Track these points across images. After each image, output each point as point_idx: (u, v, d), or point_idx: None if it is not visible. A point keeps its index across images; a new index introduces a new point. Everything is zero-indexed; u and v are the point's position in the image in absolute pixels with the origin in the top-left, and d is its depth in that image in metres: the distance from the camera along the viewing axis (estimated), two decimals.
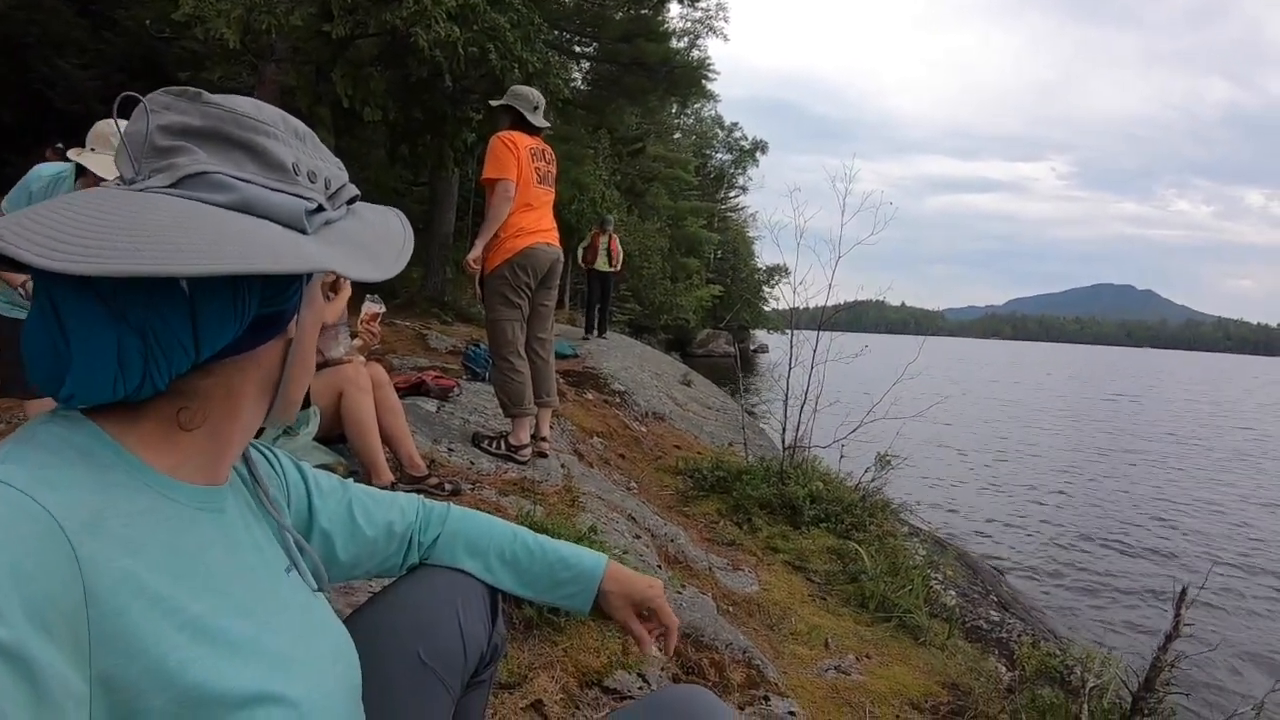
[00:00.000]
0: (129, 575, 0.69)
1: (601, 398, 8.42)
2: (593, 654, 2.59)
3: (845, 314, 7.29)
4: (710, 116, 58.04)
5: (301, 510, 1.15)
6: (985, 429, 20.59)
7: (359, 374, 3.58)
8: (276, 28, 9.51)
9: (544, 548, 1.34)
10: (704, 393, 12.39)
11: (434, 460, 4.32)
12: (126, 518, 0.72)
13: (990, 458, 16.01)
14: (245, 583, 0.85)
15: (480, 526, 1.34)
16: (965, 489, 12.78)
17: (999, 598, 5.76)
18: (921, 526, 7.04)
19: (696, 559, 4.22)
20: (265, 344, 0.83)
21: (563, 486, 4.50)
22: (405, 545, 1.28)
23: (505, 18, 10.02)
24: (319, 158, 0.85)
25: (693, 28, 25.47)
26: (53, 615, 0.62)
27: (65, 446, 0.73)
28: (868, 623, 4.06)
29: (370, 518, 1.23)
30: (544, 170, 4.76)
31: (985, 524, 10.55)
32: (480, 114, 11.24)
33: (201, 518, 0.82)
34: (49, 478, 0.68)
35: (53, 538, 0.64)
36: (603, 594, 1.33)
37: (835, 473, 6.39)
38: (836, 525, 5.30)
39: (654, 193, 38.12)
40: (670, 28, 19.51)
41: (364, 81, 10.19)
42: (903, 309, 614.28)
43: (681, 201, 43.14)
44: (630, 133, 32.93)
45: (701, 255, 44.35)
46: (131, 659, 0.67)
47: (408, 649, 1.15)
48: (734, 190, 61.44)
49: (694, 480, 6.03)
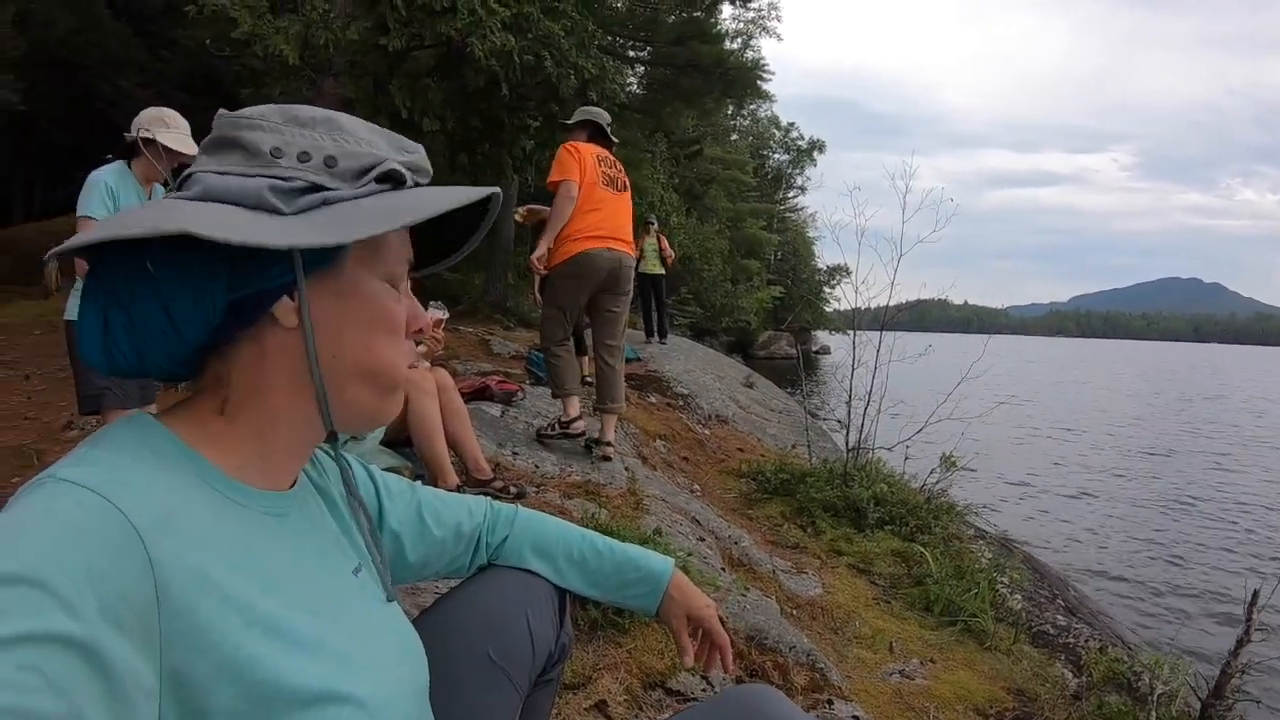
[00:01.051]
0: (199, 573, 0.72)
1: (664, 401, 8.43)
2: (656, 655, 2.61)
3: (907, 313, 7.22)
4: (767, 117, 57.77)
5: (372, 511, 1.17)
6: (1052, 429, 20.12)
7: (424, 379, 3.64)
8: (334, 43, 9.72)
9: (612, 549, 1.36)
10: (766, 395, 12.33)
11: (499, 464, 4.37)
12: (196, 518, 0.75)
13: (1057, 459, 15.68)
14: (312, 583, 0.87)
15: (549, 528, 1.36)
16: (1032, 490, 12.55)
17: (1066, 602, 5.65)
18: (987, 529, 6.94)
19: (760, 562, 4.22)
20: (251, 329, 0.82)
21: (627, 489, 4.52)
22: (473, 546, 1.30)
23: (559, 25, 10.09)
24: (330, 137, 0.84)
25: (745, 28, 25.45)
26: (125, 612, 0.64)
27: (137, 448, 0.76)
28: (932, 627, 4.01)
29: (439, 519, 1.25)
30: (611, 175, 4.86)
31: (1053, 526, 10.36)
32: (538, 121, 11.31)
33: (267, 522, 0.85)
34: (122, 479, 0.71)
35: (126, 537, 0.67)
36: (666, 600, 1.35)
37: (900, 474, 6.31)
38: (901, 528, 5.24)
39: (712, 195, 38.05)
40: (723, 29, 19.49)
41: (421, 92, 10.32)
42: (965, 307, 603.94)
43: (740, 203, 43.01)
44: (687, 135, 32.89)
45: (761, 257, 44.15)
46: (201, 654, 0.70)
47: (477, 648, 1.17)
48: (792, 190, 61.05)
49: (757, 483, 6.01)
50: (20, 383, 7.51)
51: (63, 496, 0.67)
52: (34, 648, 0.57)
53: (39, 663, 0.56)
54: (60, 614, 0.59)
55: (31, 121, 19.41)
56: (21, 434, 5.79)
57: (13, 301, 13.50)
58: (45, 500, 0.67)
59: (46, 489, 0.68)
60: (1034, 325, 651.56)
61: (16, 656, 0.56)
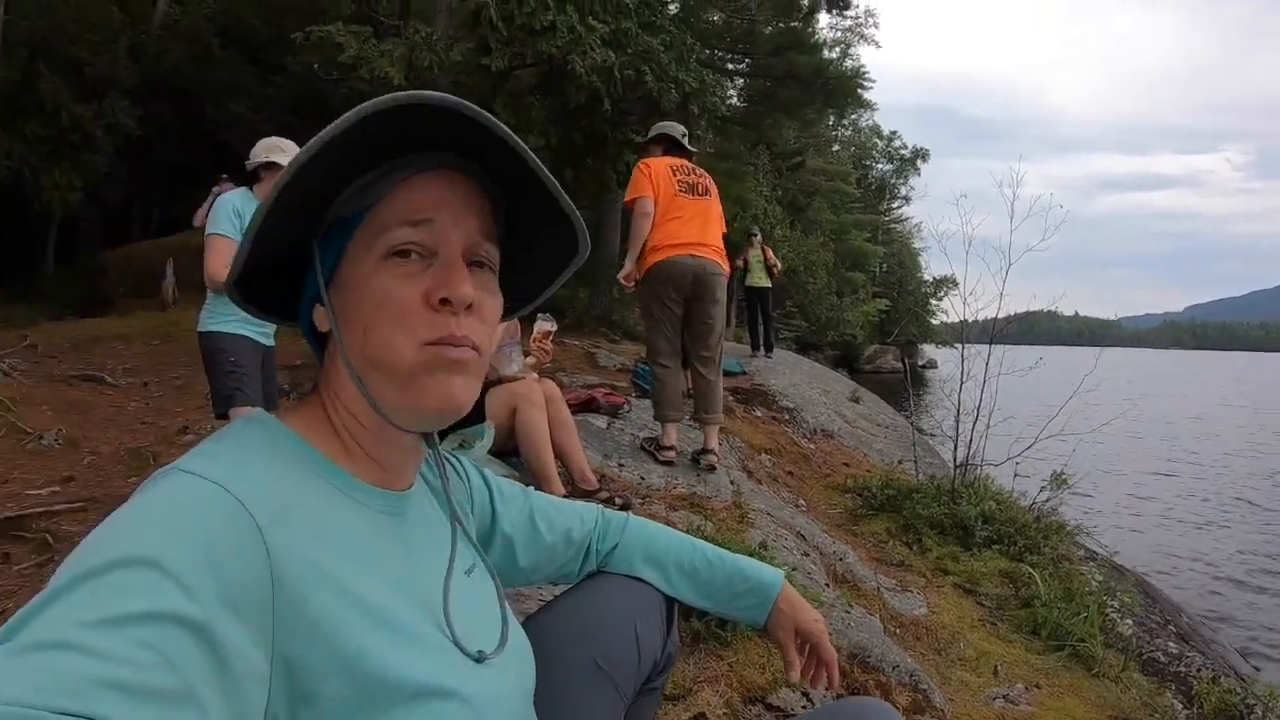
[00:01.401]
0: (314, 564, 0.74)
1: (770, 415, 8.43)
2: (758, 670, 2.60)
3: (1016, 325, 7.04)
4: (868, 126, 56.91)
5: (485, 514, 1.20)
6: (1170, 447, 19.28)
7: (532, 390, 3.75)
8: (438, 64, 9.99)
9: (723, 559, 1.35)
10: (872, 409, 12.19)
11: (604, 475, 4.44)
12: (312, 511, 0.79)
13: (1175, 478, 14.99)
14: (424, 581, 0.89)
15: (659, 536, 1.36)
16: (1146, 511, 12.05)
17: (1178, 629, 5.44)
18: (1098, 550, 6.73)
19: (864, 579, 4.21)
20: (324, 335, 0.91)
21: (732, 502, 4.54)
22: (583, 553, 1.31)
23: (658, 40, 10.18)
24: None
25: (843, 37, 25.28)
26: (242, 598, 0.66)
27: (258, 444, 0.81)
28: (1039, 651, 3.92)
29: (551, 524, 1.26)
30: (689, 181, 4.90)
31: (1166, 548, 9.93)
32: (641, 136, 11.44)
33: (383, 519, 0.88)
34: (242, 472, 0.74)
35: (244, 527, 0.70)
36: (775, 613, 1.33)
37: (1008, 492, 6.17)
38: (1009, 547, 5.13)
39: (816, 207, 37.72)
40: (820, 38, 19.41)
41: (525, 110, 10.54)
42: (1076, 319, 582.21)
43: (844, 215, 42.50)
44: (788, 147, 32.74)
45: (866, 269, 43.46)
46: (313, 643, 0.72)
47: (584, 653, 1.17)
48: (896, 201, 60.03)
49: (863, 499, 5.97)
50: (139, 389, 7.90)
51: (186, 487, 0.71)
52: (153, 626, 0.59)
53: (156, 640, 0.59)
54: (178, 595, 0.62)
55: (147, 145, 20.36)
56: (139, 437, 6.12)
57: (132, 313, 14.19)
58: (169, 490, 0.71)
59: (172, 480, 0.72)
60: (1147, 337, 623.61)
61: (135, 633, 0.58)
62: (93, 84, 17.19)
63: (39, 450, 5.82)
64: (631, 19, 10.17)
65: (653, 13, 11.08)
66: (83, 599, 0.59)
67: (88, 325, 12.43)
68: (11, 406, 6.43)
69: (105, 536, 0.66)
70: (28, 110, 16.32)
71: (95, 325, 12.33)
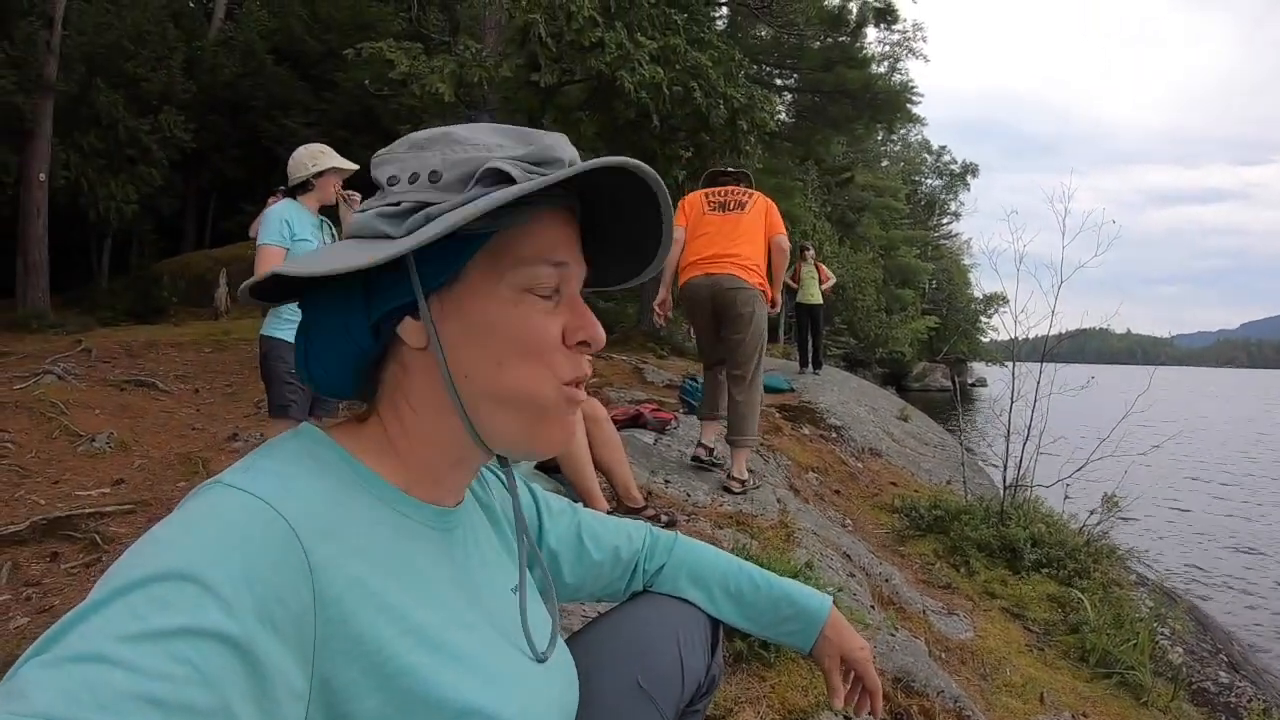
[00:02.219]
0: (357, 581, 0.73)
1: (818, 432, 8.39)
2: (800, 692, 2.58)
3: (1067, 344, 6.94)
4: (917, 141, 56.69)
5: (533, 530, 1.17)
6: (1225, 471, 18.71)
7: None
8: (488, 80, 10.10)
9: (770, 583, 1.33)
10: (921, 428, 12.08)
11: (650, 491, 4.44)
12: (357, 526, 0.77)
13: (1227, 502, 14.57)
14: (469, 599, 0.88)
15: (706, 558, 1.34)
16: (1200, 535, 11.70)
17: (1229, 658, 5.31)
18: (1150, 576, 6.60)
19: (911, 601, 4.17)
20: (393, 349, 0.85)
21: (778, 521, 4.52)
22: (630, 571, 1.29)
23: (706, 55, 10.20)
24: (443, 153, 0.83)
25: (892, 51, 25.21)
26: (282, 615, 0.65)
27: (304, 458, 0.79)
28: (1086, 678, 3.86)
29: (598, 541, 1.25)
30: (720, 200, 4.98)
31: (1219, 575, 9.64)
32: (689, 151, 11.44)
33: (430, 535, 0.86)
34: (286, 487, 0.73)
35: (287, 543, 0.69)
36: (821, 640, 1.32)
37: (1058, 514, 6.07)
38: (1059, 571, 5.05)
39: (865, 223, 37.57)
40: (869, 53, 19.32)
41: (574, 126, 10.59)
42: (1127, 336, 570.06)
43: (893, 231, 42.29)
44: (837, 162, 32.64)
45: (916, 286, 43.15)
46: (354, 661, 0.71)
47: (626, 673, 1.15)
48: (946, 217, 59.55)
49: (910, 519, 5.90)
50: (191, 396, 8.05)
51: (228, 501, 0.70)
52: (190, 641, 0.59)
53: (193, 656, 0.58)
54: (217, 611, 0.61)
55: (203, 158, 20.88)
56: (190, 443, 6.23)
57: (186, 322, 14.47)
58: (211, 504, 0.70)
59: (214, 493, 0.71)
60: (1202, 355, 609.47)
61: (173, 648, 0.58)
62: (148, 98, 17.68)
63: (91, 452, 5.95)
64: (680, 35, 10.20)
65: (701, 29, 11.12)
66: (121, 612, 0.59)
67: (141, 332, 12.68)
68: (65, 410, 6.58)
69: (146, 550, 0.66)
70: (85, 123, 16.79)
71: (148, 332, 12.58)
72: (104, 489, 5.11)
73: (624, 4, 9.77)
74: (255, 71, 20.69)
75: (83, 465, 5.71)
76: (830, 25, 17.16)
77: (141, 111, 17.39)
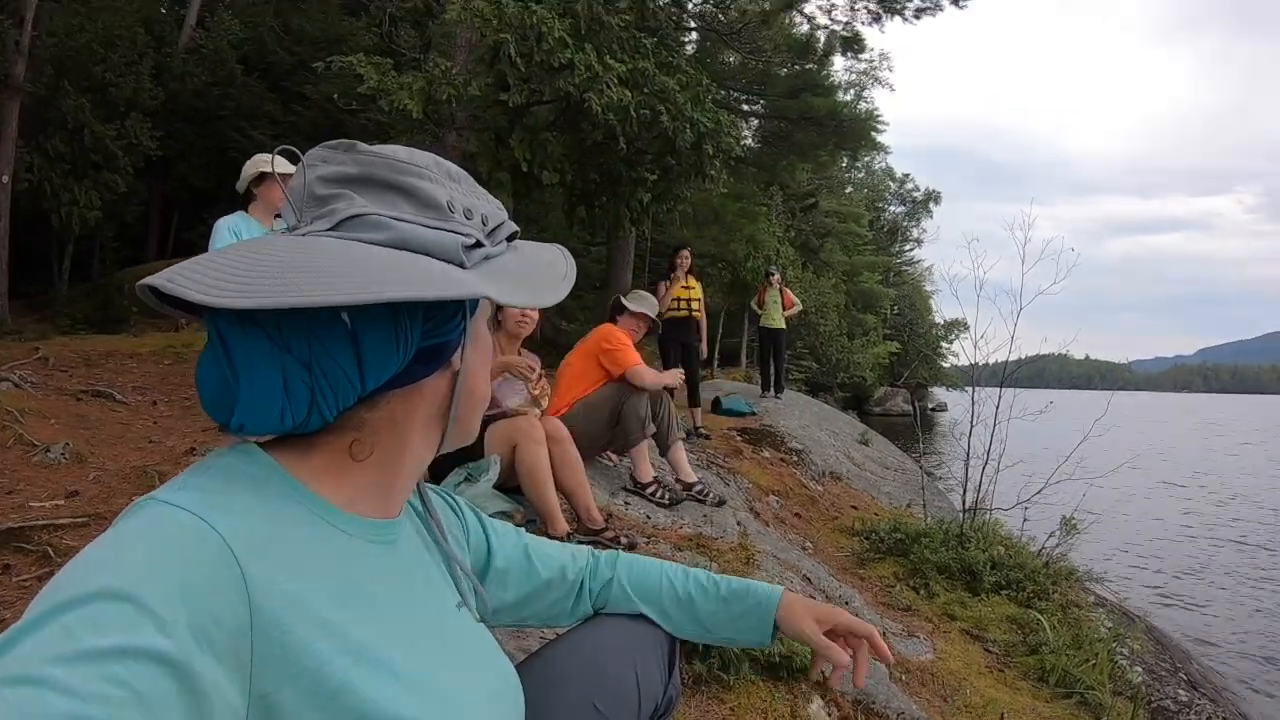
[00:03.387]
0: (294, 597, 0.72)
1: (779, 456, 8.40)
2: (759, 714, 2.57)
3: (1026, 369, 7.01)
4: (881, 169, 57.43)
5: (480, 550, 1.20)
6: (1180, 493, 19.00)
7: (532, 426, 3.70)
8: (456, 98, 10.08)
9: (717, 583, 1.33)
10: (882, 452, 12.15)
11: (611, 513, 4.43)
12: (295, 544, 0.76)
13: (1185, 524, 14.74)
14: (410, 615, 0.88)
15: (651, 570, 1.34)
16: (1156, 557, 11.82)
17: (1188, 676, 5.35)
18: (1108, 597, 6.66)
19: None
20: (430, 376, 0.87)
21: (738, 543, 4.53)
22: (575, 591, 1.30)
23: (674, 80, 10.24)
24: (475, 196, 0.90)
25: (858, 79, 25.46)
26: (216, 631, 0.65)
27: (239, 476, 0.78)
28: (1046, 699, 3.86)
29: (545, 560, 1.27)
30: None
31: (1177, 594, 9.78)
32: (654, 174, 11.45)
33: (372, 550, 0.85)
34: (220, 503, 0.72)
35: (222, 558, 0.68)
36: (782, 615, 1.29)
37: (1017, 536, 6.11)
38: (1018, 593, 5.07)
39: (828, 248, 37.82)
40: (835, 81, 19.53)
41: (541, 146, 10.56)
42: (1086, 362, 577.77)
43: (856, 256, 42.58)
44: (802, 188, 32.93)
45: (878, 311, 43.54)
46: (291, 678, 0.70)
47: (582, 695, 1.15)
48: (909, 243, 60.29)
49: (870, 542, 5.91)
50: (149, 408, 7.91)
51: (161, 517, 0.69)
52: (124, 662, 0.58)
53: (128, 677, 0.58)
54: (151, 630, 0.61)
55: (168, 166, 20.67)
56: (147, 455, 6.11)
57: (146, 333, 14.26)
58: (145, 521, 0.69)
59: (148, 511, 0.70)
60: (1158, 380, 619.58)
61: (108, 670, 0.57)
62: (116, 103, 17.46)
63: (46, 463, 5.83)
64: (649, 59, 10.25)
65: (670, 53, 11.18)
66: (54, 634, 0.59)
67: (100, 341, 12.45)
68: (20, 418, 6.45)
69: (79, 569, 0.65)
70: (51, 126, 16.56)
71: (107, 342, 12.34)
72: (58, 501, 4.98)
73: (595, 26, 9.81)
74: (225, 81, 20.54)
75: (38, 476, 5.60)
76: (798, 53, 17.31)
77: (109, 116, 17.16)
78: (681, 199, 11.87)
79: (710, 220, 21.53)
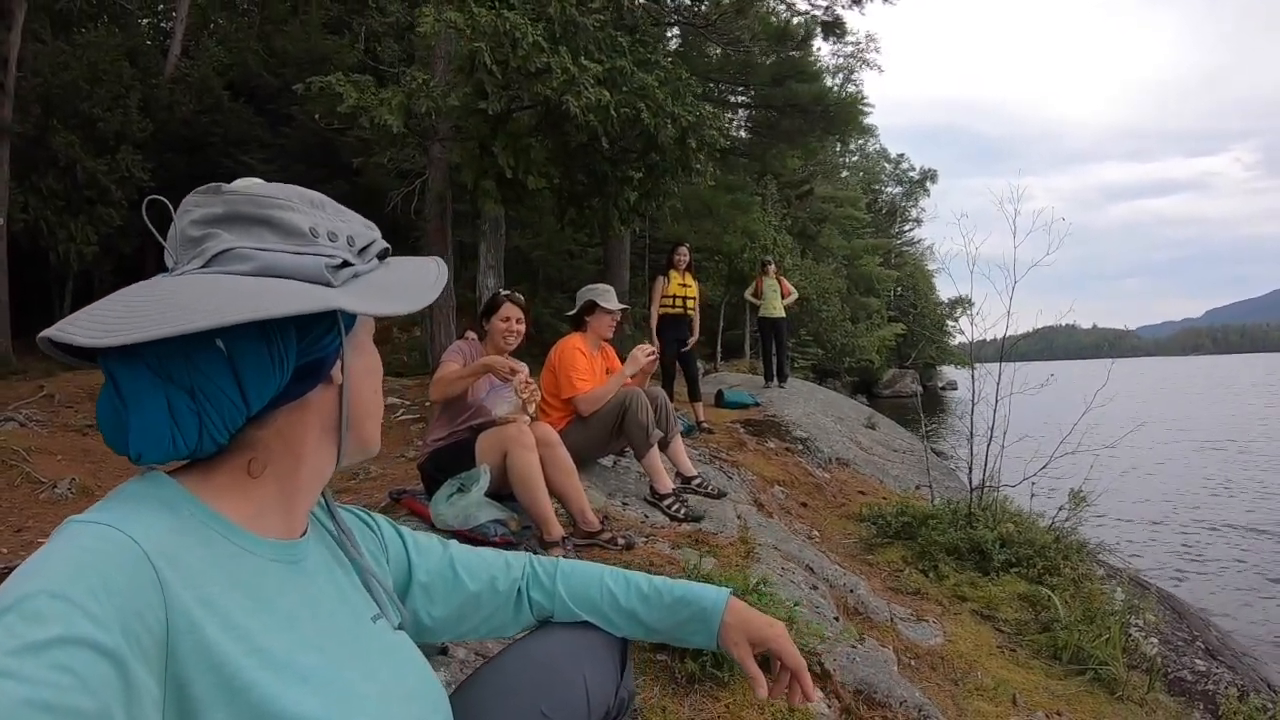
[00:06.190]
0: (205, 601, 0.78)
1: (783, 445, 8.33)
2: (756, 711, 2.52)
3: (1034, 342, 6.96)
4: (875, 150, 57.36)
5: (401, 566, 1.23)
6: (1191, 458, 18.67)
7: (521, 433, 3.67)
8: (435, 110, 10.08)
9: (659, 591, 1.34)
10: (889, 435, 12.08)
11: (608, 515, 4.39)
12: (204, 559, 0.81)
13: (1198, 489, 14.53)
14: (320, 625, 0.92)
15: (591, 580, 1.35)
16: (1170, 524, 11.64)
17: (1206, 644, 5.25)
18: (1120, 567, 6.55)
19: (877, 609, 4.10)
20: (312, 391, 0.91)
21: (738, 538, 4.48)
22: (513, 599, 1.31)
23: (652, 76, 10.20)
24: (340, 220, 0.95)
25: (845, 63, 25.46)
26: (139, 627, 0.71)
27: (148, 499, 0.83)
28: (1060, 676, 3.78)
29: (472, 573, 1.28)
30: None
31: (1192, 561, 9.59)
32: (640, 172, 11.40)
33: (277, 569, 0.90)
34: (134, 519, 0.78)
35: (139, 562, 0.74)
36: (722, 627, 1.31)
37: (1026, 513, 6.01)
38: (1028, 570, 4.97)
39: (826, 234, 37.72)
40: (820, 66, 19.52)
41: (525, 152, 10.52)
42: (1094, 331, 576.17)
43: (855, 240, 42.48)
44: (796, 176, 32.88)
45: (880, 294, 43.45)
46: (202, 673, 0.75)
47: (531, 704, 1.18)
48: (908, 224, 60.18)
49: (877, 527, 5.84)
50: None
51: (84, 531, 0.75)
52: (66, 649, 0.64)
53: (72, 664, 0.64)
54: (86, 622, 0.66)
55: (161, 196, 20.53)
56: None
57: None
58: (69, 536, 0.75)
59: (71, 528, 0.76)
60: (1167, 345, 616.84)
61: (52, 658, 0.63)
62: (105, 138, 17.43)
63: (53, 499, 5.88)
64: (626, 57, 10.19)
65: (648, 50, 11.11)
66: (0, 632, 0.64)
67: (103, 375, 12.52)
68: (27, 456, 6.49)
69: (13, 581, 0.69)
70: (43, 165, 16.54)
71: None
72: None
73: (569, 28, 9.75)
74: (212, 108, 20.46)
75: (45, 512, 5.66)
76: (776, 40, 17.23)
77: (99, 151, 17.15)
78: (669, 195, 11.81)
79: (703, 214, 21.45)
